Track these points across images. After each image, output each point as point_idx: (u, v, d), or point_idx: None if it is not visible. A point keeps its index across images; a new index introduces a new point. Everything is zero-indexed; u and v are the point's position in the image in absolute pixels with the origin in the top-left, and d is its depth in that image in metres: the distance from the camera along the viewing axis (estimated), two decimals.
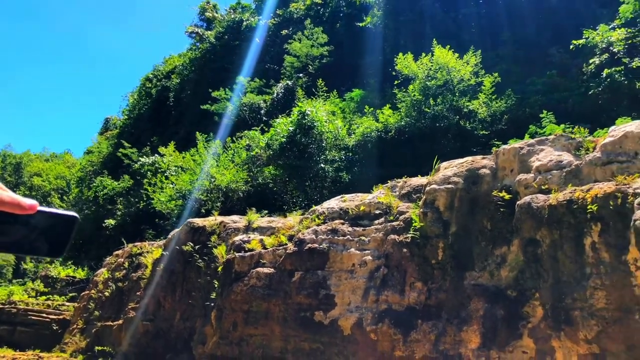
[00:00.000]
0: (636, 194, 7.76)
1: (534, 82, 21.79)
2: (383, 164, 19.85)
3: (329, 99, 24.93)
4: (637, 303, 7.41)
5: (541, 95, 20.61)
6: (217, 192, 22.75)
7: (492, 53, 26.97)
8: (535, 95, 20.82)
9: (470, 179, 10.48)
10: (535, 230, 8.84)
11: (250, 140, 23.65)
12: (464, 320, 9.30)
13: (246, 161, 23.43)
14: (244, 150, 24.15)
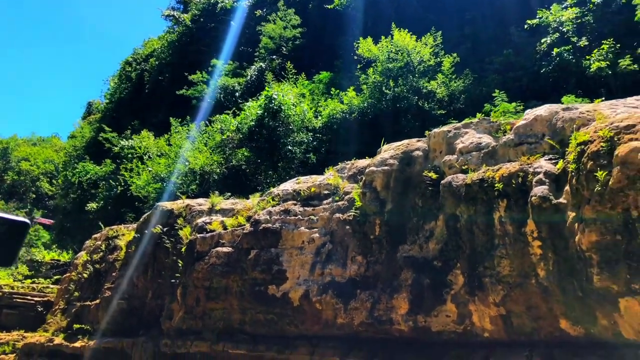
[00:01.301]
0: (535, 173, 8.73)
1: (492, 61, 22.62)
2: (349, 145, 20.72)
3: (298, 81, 25.64)
4: (533, 269, 8.42)
5: (498, 75, 21.46)
6: (192, 175, 23.54)
7: (458, 32, 27.67)
8: (492, 75, 21.67)
9: (405, 161, 11.41)
10: (455, 207, 9.80)
11: (222, 124, 24.41)
12: (395, 289, 10.31)
13: (219, 144, 24.22)
14: (218, 133, 24.93)
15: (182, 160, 24.39)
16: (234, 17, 38.43)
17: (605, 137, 7.57)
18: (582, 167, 7.73)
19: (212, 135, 25.21)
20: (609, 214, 7.17)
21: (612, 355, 7.65)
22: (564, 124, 9.25)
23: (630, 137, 7.28)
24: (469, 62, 24.94)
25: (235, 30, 37.28)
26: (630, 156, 7.01)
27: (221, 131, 24.71)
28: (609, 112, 9.01)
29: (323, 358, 11.04)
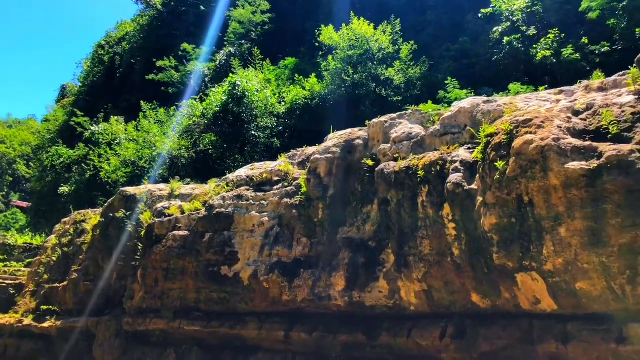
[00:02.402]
0: (453, 161, 9.59)
1: (449, 48, 23.44)
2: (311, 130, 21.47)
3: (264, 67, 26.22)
4: (449, 249, 9.33)
5: (453, 62, 22.31)
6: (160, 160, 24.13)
7: (421, 18, 28.38)
8: (448, 62, 22.50)
9: (347, 149, 12.21)
10: (387, 192, 10.64)
11: (190, 109, 24.97)
12: (334, 268, 11.18)
13: (187, 129, 24.80)
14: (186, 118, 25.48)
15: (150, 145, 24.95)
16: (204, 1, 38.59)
17: (507, 130, 8.43)
18: (487, 157, 8.61)
19: (181, 121, 25.77)
20: (506, 199, 8.07)
21: (512, 324, 8.61)
22: (483, 116, 10.10)
23: (526, 130, 8.15)
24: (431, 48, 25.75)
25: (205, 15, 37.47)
26: (523, 148, 7.88)
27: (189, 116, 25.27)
28: (522, 105, 9.88)
29: (270, 332, 11.94)
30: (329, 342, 11.14)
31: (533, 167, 7.73)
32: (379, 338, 10.50)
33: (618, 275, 7.07)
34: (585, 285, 7.44)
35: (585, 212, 7.29)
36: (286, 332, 11.70)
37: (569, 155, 7.55)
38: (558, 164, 7.51)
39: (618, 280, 7.08)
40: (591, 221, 7.24)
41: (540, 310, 8.24)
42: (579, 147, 7.59)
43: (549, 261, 7.63)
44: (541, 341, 8.16)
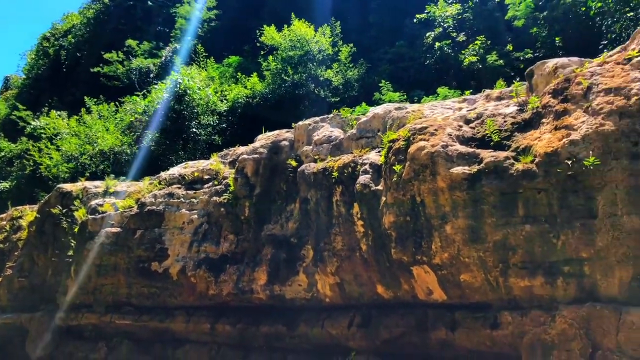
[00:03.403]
0: (363, 164, 10.34)
1: (387, 51, 24.32)
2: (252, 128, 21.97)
3: (208, 65, 26.51)
4: (358, 244, 10.07)
5: (390, 64, 23.19)
6: (101, 156, 24.14)
7: (364, 20, 29.16)
8: (385, 64, 23.38)
9: (273, 150, 12.84)
10: (307, 191, 11.32)
11: (132, 105, 25.07)
12: (257, 263, 11.80)
13: (129, 125, 24.90)
14: (128, 114, 25.56)
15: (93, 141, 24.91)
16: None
17: (405, 137, 9.22)
18: (388, 160, 9.39)
19: (124, 117, 25.82)
20: (402, 199, 8.86)
21: (409, 313, 9.44)
22: (393, 122, 10.90)
23: (421, 137, 8.96)
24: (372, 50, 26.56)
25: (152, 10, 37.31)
26: (416, 153, 8.68)
27: (131, 113, 25.37)
28: (428, 112, 10.73)
29: (197, 325, 12.48)
30: (251, 333, 11.78)
31: (424, 171, 8.54)
32: (298, 329, 11.20)
33: (493, 268, 7.94)
34: (467, 278, 8.30)
35: (466, 211, 8.14)
36: (212, 324, 12.27)
37: (455, 160, 8.39)
38: (445, 168, 8.33)
39: (493, 273, 7.96)
40: (471, 220, 8.10)
41: (433, 300, 9.08)
42: (463, 154, 8.44)
43: (437, 255, 8.46)
44: (434, 328, 9.01)
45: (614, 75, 7.88)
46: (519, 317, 7.82)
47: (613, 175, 7.13)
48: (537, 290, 7.63)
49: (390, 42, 26.13)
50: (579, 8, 19.05)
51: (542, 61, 9.70)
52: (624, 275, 6.98)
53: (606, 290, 7.15)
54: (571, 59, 9.29)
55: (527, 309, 7.78)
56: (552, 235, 7.49)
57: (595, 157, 7.23)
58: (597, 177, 7.23)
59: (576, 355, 7.02)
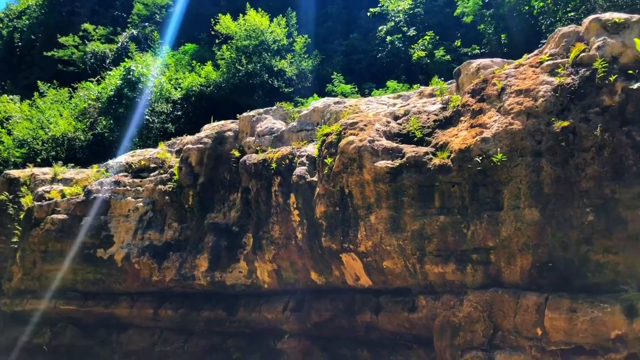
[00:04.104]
0: (301, 155, 10.77)
1: (341, 43, 24.73)
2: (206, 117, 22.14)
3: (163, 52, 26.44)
4: (294, 233, 10.52)
5: (343, 56, 23.61)
6: (54, 142, 23.91)
7: (322, 11, 29.44)
8: (339, 56, 23.79)
9: (218, 140, 13.14)
10: (248, 181, 11.70)
11: (85, 91, 24.87)
12: (199, 251, 12.15)
13: (83, 111, 24.72)
14: (82, 100, 25.35)
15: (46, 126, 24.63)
16: None
17: (337, 131, 9.68)
18: (321, 153, 9.84)
19: (77, 102, 25.60)
20: (332, 191, 9.33)
21: (339, 298, 9.97)
22: (332, 115, 11.35)
23: (351, 132, 9.43)
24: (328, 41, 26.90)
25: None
26: (346, 147, 9.15)
27: (84, 98, 25.17)
28: (364, 107, 11.20)
29: (140, 310, 12.79)
30: (193, 318, 12.16)
31: (352, 164, 9.02)
32: (237, 313, 11.63)
33: (411, 256, 8.51)
34: (389, 264, 8.85)
35: (389, 202, 8.67)
36: (155, 309, 12.59)
37: (380, 155, 8.89)
38: (370, 162, 8.83)
39: (411, 260, 8.53)
40: (393, 210, 8.63)
41: (360, 285, 9.62)
42: (388, 148, 8.95)
43: (362, 244, 8.98)
44: (360, 312, 9.56)
45: (525, 77, 8.48)
46: (433, 301, 8.43)
47: (518, 171, 7.74)
48: (449, 276, 8.23)
49: (346, 34, 26.54)
50: (523, 7, 19.78)
51: (468, 61, 10.28)
52: (525, 263, 7.61)
53: (509, 277, 7.79)
54: (494, 60, 9.89)
55: (440, 294, 8.38)
56: (463, 226, 8.07)
57: (503, 154, 7.82)
58: (504, 172, 7.83)
59: (479, 336, 7.64)
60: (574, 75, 7.97)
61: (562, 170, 7.49)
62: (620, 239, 7.12)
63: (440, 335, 8.08)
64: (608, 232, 7.17)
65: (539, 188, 7.56)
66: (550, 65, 8.37)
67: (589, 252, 7.26)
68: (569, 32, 8.66)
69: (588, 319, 6.84)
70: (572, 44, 8.43)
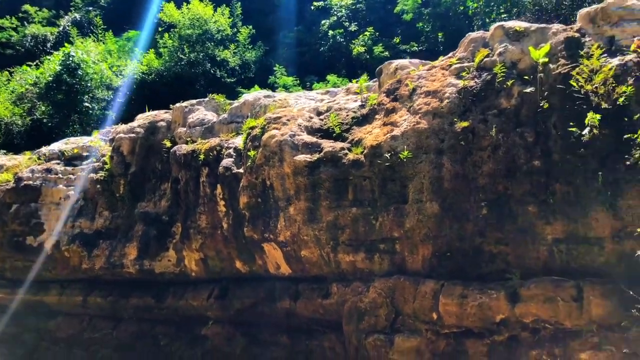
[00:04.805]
0: (228, 147, 11.07)
1: (286, 35, 25.00)
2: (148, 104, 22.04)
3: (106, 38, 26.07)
4: (220, 223, 10.82)
5: (288, 49, 23.91)
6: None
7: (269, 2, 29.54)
8: (284, 48, 24.07)
9: (150, 130, 13.27)
10: (178, 171, 11.90)
11: (23, 75, 24.29)
12: (129, 239, 12.32)
13: (20, 96, 24.14)
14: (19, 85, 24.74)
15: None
16: None
17: (262, 125, 10.05)
18: (246, 146, 10.18)
19: (15, 87, 24.96)
20: (255, 182, 9.71)
21: (261, 285, 10.37)
22: (260, 109, 11.67)
23: (274, 126, 9.81)
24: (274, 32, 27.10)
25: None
26: (268, 141, 9.53)
27: (22, 83, 24.58)
28: (293, 102, 11.58)
29: (70, 297, 12.87)
30: (122, 305, 12.34)
31: (273, 157, 9.41)
32: (166, 301, 11.88)
33: (326, 245, 8.98)
34: (307, 253, 9.31)
35: (307, 195, 9.11)
36: (84, 297, 12.70)
37: (300, 149, 9.31)
38: (290, 156, 9.24)
39: (326, 249, 9.01)
40: (310, 202, 9.08)
41: (281, 274, 10.05)
42: (308, 143, 9.37)
43: (281, 234, 9.40)
44: (280, 299, 9.99)
45: (435, 79, 9.04)
46: (344, 288, 8.94)
47: (422, 167, 8.30)
48: (359, 264, 8.75)
49: (292, 26, 26.81)
50: (459, 7, 20.58)
51: (389, 61, 10.77)
52: (426, 253, 8.20)
53: (412, 265, 8.37)
54: (411, 61, 10.42)
55: (351, 281, 8.90)
56: (372, 217, 8.60)
57: (410, 151, 8.37)
58: (410, 168, 8.38)
59: (382, 320, 8.20)
60: (477, 79, 8.56)
61: (461, 167, 8.08)
62: (511, 232, 7.76)
63: (348, 320, 8.61)
64: (500, 225, 7.80)
65: (439, 183, 8.14)
66: (457, 69, 8.94)
67: (483, 243, 7.89)
68: (477, 38, 9.26)
69: (476, 304, 7.47)
70: (478, 48, 9.02)
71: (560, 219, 7.46)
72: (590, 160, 7.27)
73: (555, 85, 7.79)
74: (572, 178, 7.39)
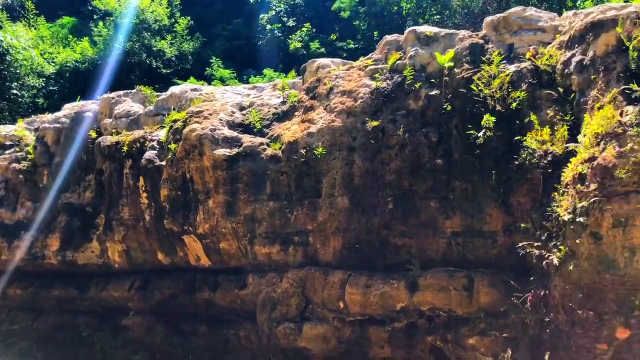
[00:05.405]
0: (152, 140, 11.13)
1: (225, 27, 24.98)
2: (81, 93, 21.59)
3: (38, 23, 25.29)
4: (142, 214, 10.89)
5: (226, 41, 23.90)
6: None
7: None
8: (222, 40, 24.05)
9: (76, 120, 13.11)
10: (103, 163, 11.87)
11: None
12: (51, 230, 12.19)
13: None
14: None
15: None
16: None
17: (183, 119, 10.18)
18: (168, 139, 10.30)
19: None
20: (175, 175, 9.86)
21: (181, 276, 10.54)
22: (187, 102, 11.77)
23: (196, 120, 9.97)
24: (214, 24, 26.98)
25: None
26: (188, 134, 9.69)
27: None
28: (219, 96, 11.73)
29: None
30: (43, 297, 12.22)
31: (193, 151, 9.58)
32: (89, 292, 11.85)
33: (243, 238, 9.26)
34: (225, 246, 9.55)
35: (225, 188, 9.34)
36: (4, 288, 12.49)
37: (220, 143, 9.52)
38: (210, 149, 9.44)
39: (243, 241, 9.28)
40: (229, 196, 9.32)
41: (201, 265, 10.26)
42: (228, 137, 9.60)
43: (200, 226, 9.60)
44: (200, 290, 10.19)
45: (351, 79, 9.43)
46: (259, 279, 9.24)
47: (335, 163, 8.69)
48: (275, 256, 9.07)
49: (231, 19, 26.78)
50: (393, 7, 21.15)
51: (312, 60, 11.08)
52: (337, 245, 8.60)
53: (324, 257, 8.75)
54: (334, 60, 10.80)
55: (267, 272, 9.21)
56: (288, 211, 8.93)
57: (324, 148, 8.74)
58: (324, 164, 8.75)
59: (293, 309, 8.56)
60: (389, 81, 9.01)
61: (371, 165, 8.51)
62: (414, 225, 8.24)
63: (261, 309, 8.92)
64: (405, 219, 8.28)
65: (350, 179, 8.55)
66: (372, 70, 9.37)
67: (389, 236, 8.35)
68: (392, 41, 9.71)
69: (379, 293, 7.93)
70: (392, 51, 9.47)
71: (459, 213, 8.00)
72: (485, 160, 7.83)
73: (458, 89, 8.33)
74: (470, 176, 7.94)
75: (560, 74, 7.67)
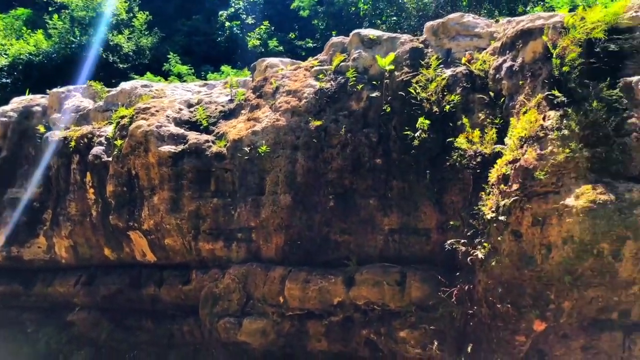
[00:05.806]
0: (100, 135, 11.11)
1: (184, 23, 24.85)
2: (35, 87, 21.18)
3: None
4: (89, 210, 10.86)
5: (185, 37, 23.79)
6: None
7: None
8: (181, 36, 23.92)
9: (24, 114, 12.96)
10: (51, 158, 11.75)
11: None
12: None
13: None
14: None
15: None
16: None
17: (130, 115, 10.21)
18: (115, 135, 10.31)
19: None
20: (121, 171, 9.89)
21: (126, 272, 10.57)
22: (137, 98, 11.75)
23: (143, 116, 10.01)
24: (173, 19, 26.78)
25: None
26: (134, 131, 9.73)
27: None
28: (169, 93, 11.76)
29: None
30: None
31: (139, 147, 9.63)
32: (34, 288, 11.75)
33: (187, 234, 9.37)
34: (170, 242, 9.64)
35: (170, 185, 9.43)
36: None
37: (165, 140, 9.60)
38: (155, 146, 9.51)
39: (187, 238, 9.39)
40: (173, 192, 9.41)
41: (147, 261, 10.31)
42: (174, 134, 9.68)
43: (145, 222, 9.67)
44: (146, 285, 10.25)
45: (297, 79, 9.63)
46: (202, 275, 9.37)
47: (278, 161, 8.88)
48: (218, 252, 9.22)
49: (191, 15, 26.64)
50: (350, 8, 21.43)
51: (262, 59, 11.24)
52: (279, 241, 8.79)
53: (266, 253, 8.94)
54: (282, 60, 10.97)
55: (210, 268, 9.35)
56: (232, 208, 9.09)
57: (268, 146, 8.92)
58: (268, 162, 8.93)
59: (234, 304, 8.73)
60: (333, 82, 9.24)
61: (313, 163, 8.73)
62: (354, 222, 8.51)
63: (204, 305, 9.06)
64: (345, 216, 8.53)
65: (293, 177, 8.76)
66: (317, 71, 9.58)
67: (329, 232, 8.59)
68: (337, 42, 9.94)
69: (317, 288, 8.17)
70: (337, 53, 9.70)
71: (396, 211, 8.31)
72: (421, 160, 8.15)
73: (397, 91, 8.62)
74: (407, 175, 8.24)
75: (492, 78, 8.04)
